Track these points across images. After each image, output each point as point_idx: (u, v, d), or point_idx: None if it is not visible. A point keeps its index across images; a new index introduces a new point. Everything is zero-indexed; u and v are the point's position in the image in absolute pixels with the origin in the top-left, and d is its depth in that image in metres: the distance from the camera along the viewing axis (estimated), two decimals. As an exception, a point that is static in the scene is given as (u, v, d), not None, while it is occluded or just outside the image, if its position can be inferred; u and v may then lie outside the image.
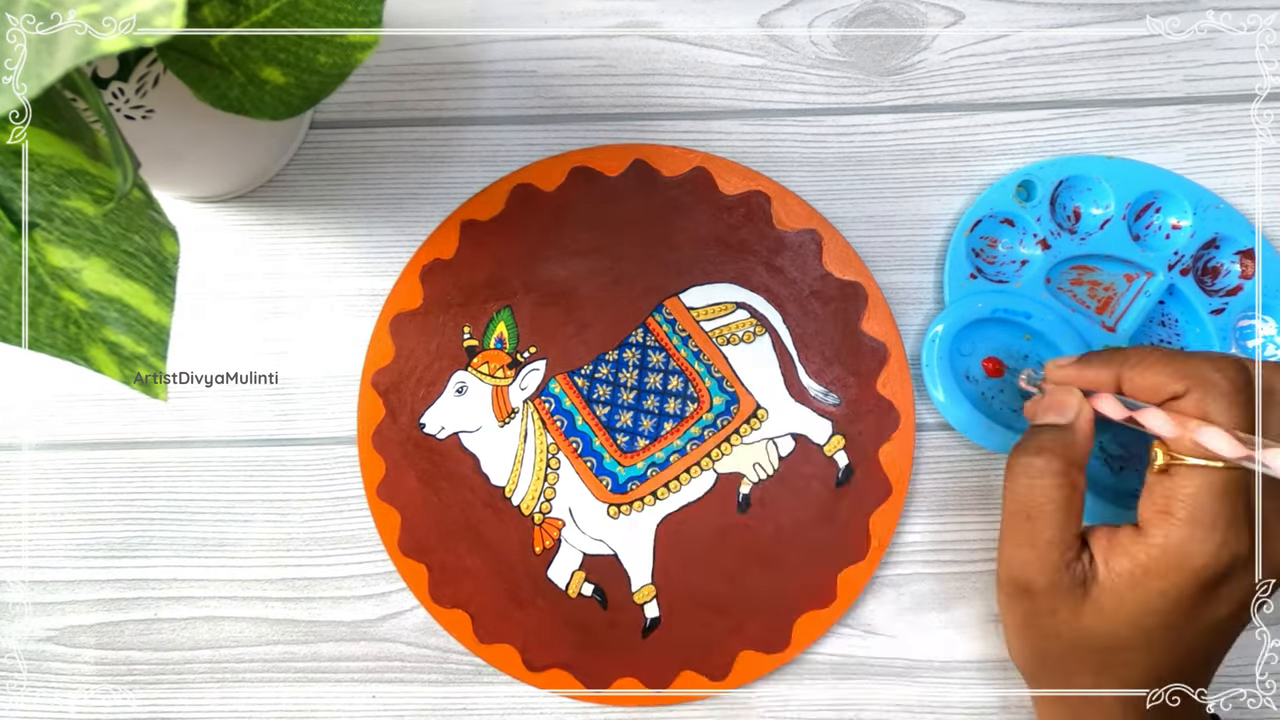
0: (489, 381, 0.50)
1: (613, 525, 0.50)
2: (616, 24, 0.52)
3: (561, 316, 0.51)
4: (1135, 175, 0.51)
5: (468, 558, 0.49)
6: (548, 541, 0.50)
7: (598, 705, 0.49)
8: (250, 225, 0.52)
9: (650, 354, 0.50)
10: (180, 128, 0.41)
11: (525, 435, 0.50)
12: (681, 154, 0.51)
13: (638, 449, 0.50)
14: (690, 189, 0.51)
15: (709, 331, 0.50)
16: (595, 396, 0.50)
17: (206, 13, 0.34)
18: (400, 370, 0.50)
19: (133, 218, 0.32)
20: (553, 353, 0.51)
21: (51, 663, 0.50)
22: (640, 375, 0.50)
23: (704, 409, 0.50)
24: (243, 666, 0.50)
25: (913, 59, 0.52)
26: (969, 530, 0.50)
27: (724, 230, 0.51)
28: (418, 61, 0.52)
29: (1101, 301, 0.51)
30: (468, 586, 0.49)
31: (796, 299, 0.50)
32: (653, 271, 0.51)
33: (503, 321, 0.51)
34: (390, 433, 0.50)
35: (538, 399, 0.50)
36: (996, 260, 0.51)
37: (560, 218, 0.51)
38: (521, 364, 0.50)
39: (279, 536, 0.50)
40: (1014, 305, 0.49)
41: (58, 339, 0.32)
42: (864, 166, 0.52)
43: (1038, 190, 0.50)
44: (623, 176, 0.51)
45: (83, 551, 0.51)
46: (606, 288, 0.51)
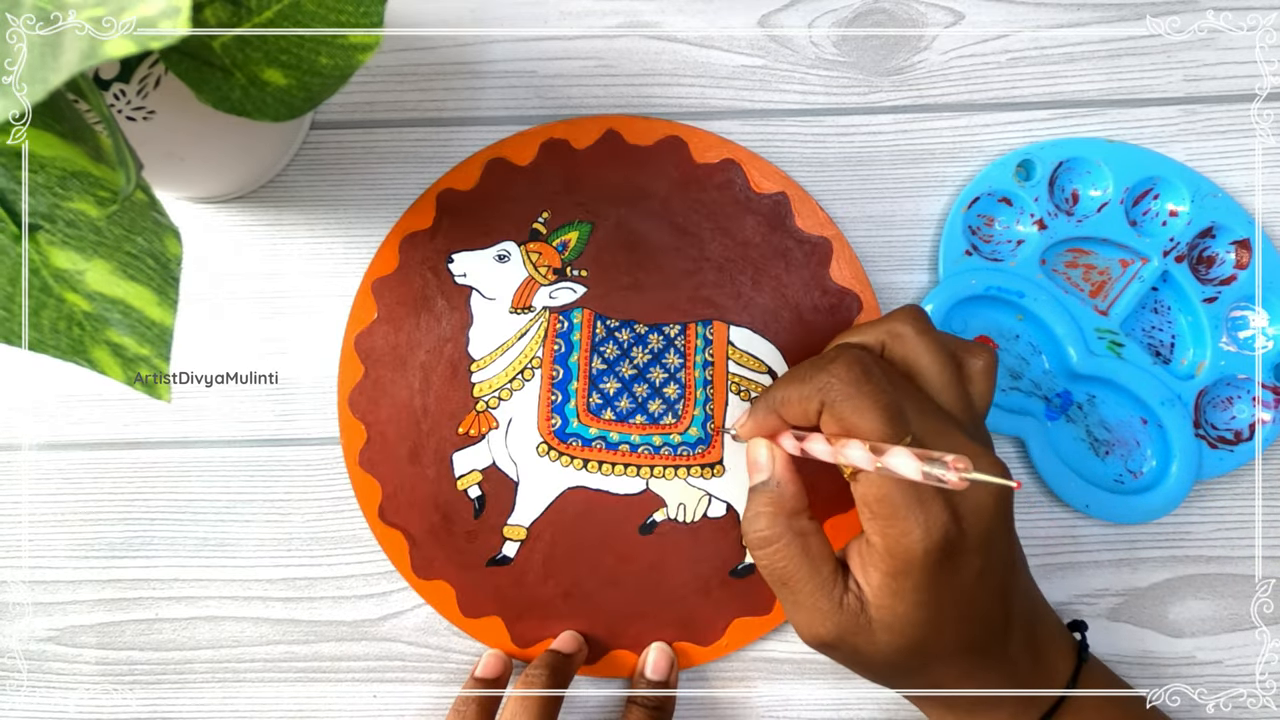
0: (529, 270, 0.50)
1: (533, 459, 0.50)
2: (616, 24, 0.52)
3: (626, 266, 0.51)
4: (1135, 160, 0.51)
5: (403, 390, 0.50)
6: (474, 430, 0.50)
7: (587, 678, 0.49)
8: (251, 225, 0.52)
9: (670, 352, 0.50)
10: (182, 129, 0.41)
11: (524, 334, 0.50)
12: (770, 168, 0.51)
13: (601, 417, 0.50)
14: (775, 209, 0.51)
15: (731, 373, 0.50)
16: (601, 350, 0.50)
17: (208, 14, 0.34)
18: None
19: (135, 219, 0.32)
20: (596, 289, 0.51)
21: (52, 663, 0.50)
22: (649, 362, 0.50)
23: (678, 429, 0.50)
24: (243, 666, 0.50)
25: (913, 59, 0.52)
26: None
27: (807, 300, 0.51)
28: (418, 62, 0.52)
29: (1095, 285, 0.51)
30: (384, 406, 0.50)
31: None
32: (726, 288, 0.51)
33: (578, 232, 0.51)
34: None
35: (555, 313, 0.50)
36: (992, 239, 0.52)
37: (689, 189, 0.51)
38: (566, 276, 0.50)
39: (280, 536, 0.50)
40: (1007, 284, 0.49)
41: (61, 341, 0.32)
42: (864, 166, 0.52)
43: (1037, 170, 0.50)
44: (718, 166, 0.51)
45: (84, 551, 0.51)
46: (681, 272, 0.51)
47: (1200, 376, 0.50)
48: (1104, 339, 0.50)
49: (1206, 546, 0.51)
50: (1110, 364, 0.50)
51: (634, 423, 0.50)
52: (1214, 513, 0.51)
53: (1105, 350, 0.50)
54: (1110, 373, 0.50)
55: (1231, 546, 0.51)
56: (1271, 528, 0.51)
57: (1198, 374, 0.50)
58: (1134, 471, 0.51)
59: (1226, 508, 0.51)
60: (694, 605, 0.50)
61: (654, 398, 0.50)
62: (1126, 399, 0.51)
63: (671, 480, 0.50)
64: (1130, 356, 0.50)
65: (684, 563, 0.50)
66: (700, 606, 0.49)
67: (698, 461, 0.50)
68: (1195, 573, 0.51)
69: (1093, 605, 0.50)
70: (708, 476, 0.50)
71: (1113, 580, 0.51)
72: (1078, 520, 0.51)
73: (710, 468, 0.50)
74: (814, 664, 0.50)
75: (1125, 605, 0.50)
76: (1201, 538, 0.51)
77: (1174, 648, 0.50)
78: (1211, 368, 0.50)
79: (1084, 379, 0.50)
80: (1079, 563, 0.50)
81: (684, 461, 0.50)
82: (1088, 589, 0.50)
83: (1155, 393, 0.49)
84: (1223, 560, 0.51)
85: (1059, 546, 0.50)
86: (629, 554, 0.50)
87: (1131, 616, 0.50)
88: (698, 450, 0.50)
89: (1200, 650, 0.50)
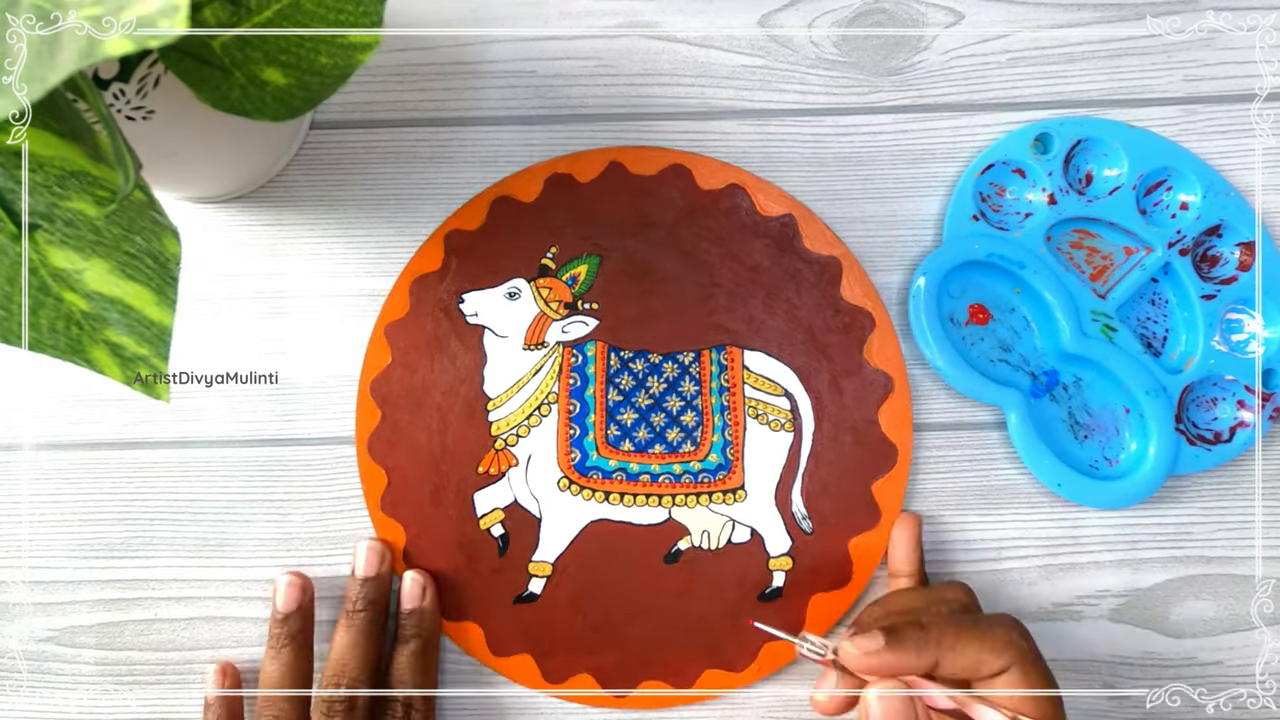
0: (540, 305, 0.50)
1: (555, 494, 0.50)
2: (616, 24, 0.52)
3: (637, 296, 0.51)
4: (1153, 148, 0.51)
5: (421, 433, 0.50)
6: (494, 469, 0.50)
7: (603, 708, 0.49)
8: (251, 225, 0.52)
9: (686, 380, 0.50)
10: (181, 129, 0.41)
11: (538, 370, 0.50)
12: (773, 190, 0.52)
13: (620, 449, 0.50)
14: (783, 232, 0.51)
15: (748, 397, 0.50)
16: (617, 381, 0.50)
17: (208, 14, 0.34)
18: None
19: (134, 219, 0.32)
20: (608, 320, 0.51)
21: (52, 663, 0.50)
22: (665, 391, 0.50)
23: (697, 456, 0.50)
24: (243, 666, 0.50)
25: (913, 59, 0.52)
26: (967, 531, 0.50)
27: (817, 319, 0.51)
28: (418, 62, 0.52)
29: (1097, 269, 0.51)
30: (403, 449, 0.50)
31: (837, 424, 0.50)
32: (738, 312, 0.51)
33: (587, 265, 0.51)
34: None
35: (569, 348, 0.50)
36: (1001, 209, 0.52)
37: (695, 216, 0.51)
38: (577, 310, 0.51)
39: (279, 536, 0.50)
40: (1010, 253, 0.50)
41: (60, 340, 0.32)
42: (864, 166, 0.52)
43: (1054, 144, 0.51)
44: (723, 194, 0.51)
45: (83, 551, 0.51)
46: (692, 300, 0.51)
47: (1188, 372, 0.50)
48: (1098, 321, 0.50)
49: (1207, 547, 0.51)
50: (1100, 346, 0.50)
51: (653, 453, 0.50)
52: (1215, 513, 0.51)
53: (1098, 333, 0.50)
54: (1100, 355, 0.50)
55: (1232, 547, 0.51)
56: (1272, 528, 0.51)
57: (1186, 369, 0.50)
58: (1110, 459, 0.51)
59: (1228, 508, 0.51)
60: (724, 632, 0.49)
61: (672, 426, 0.50)
62: (1112, 385, 0.51)
63: (694, 508, 0.50)
64: (1121, 342, 0.50)
65: (711, 590, 0.50)
66: (730, 633, 0.49)
67: (719, 488, 0.50)
68: (1197, 573, 0.51)
69: (1094, 606, 0.50)
70: (730, 502, 0.50)
71: (1114, 581, 0.51)
72: (1080, 521, 0.50)
73: (732, 493, 0.50)
74: (813, 665, 0.50)
75: (1127, 606, 0.50)
76: (1203, 538, 0.51)
77: (1176, 648, 0.50)
78: (1201, 364, 0.50)
79: (1073, 359, 0.50)
80: (1080, 563, 0.50)
81: (705, 489, 0.50)
82: (1089, 589, 0.50)
83: (1141, 381, 0.49)
84: (1224, 561, 0.51)
85: (1060, 547, 0.50)
86: (655, 584, 0.50)
87: (1133, 617, 0.50)
88: (719, 476, 0.50)
89: (1201, 651, 0.50)
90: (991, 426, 0.51)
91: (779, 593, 0.49)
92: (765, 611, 0.49)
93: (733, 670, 0.49)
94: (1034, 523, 0.51)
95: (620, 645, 0.49)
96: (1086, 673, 0.50)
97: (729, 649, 0.49)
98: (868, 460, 0.50)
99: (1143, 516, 0.51)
